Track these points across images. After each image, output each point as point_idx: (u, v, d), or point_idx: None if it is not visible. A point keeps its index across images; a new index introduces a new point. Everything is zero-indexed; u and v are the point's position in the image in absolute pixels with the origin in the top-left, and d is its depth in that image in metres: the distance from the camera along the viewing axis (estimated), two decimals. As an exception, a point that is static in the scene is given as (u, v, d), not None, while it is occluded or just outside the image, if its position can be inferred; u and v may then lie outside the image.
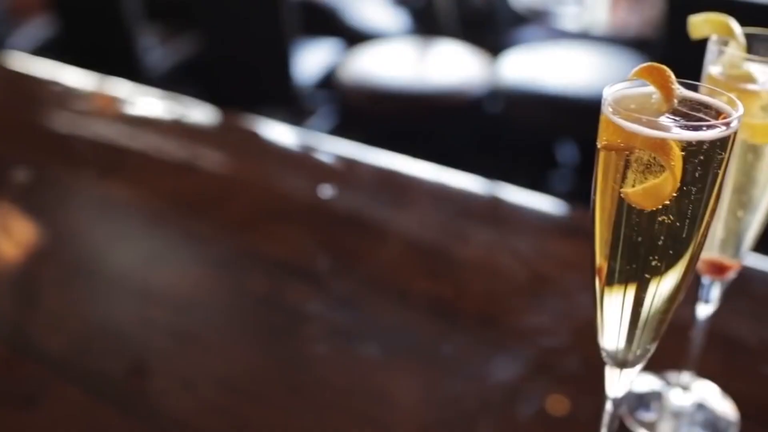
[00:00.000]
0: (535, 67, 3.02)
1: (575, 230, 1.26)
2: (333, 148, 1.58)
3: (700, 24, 0.74)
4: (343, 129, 3.45)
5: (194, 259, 1.22)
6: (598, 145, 0.59)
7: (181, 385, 0.95)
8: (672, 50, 0.74)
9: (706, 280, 0.84)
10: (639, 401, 0.92)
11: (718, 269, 0.82)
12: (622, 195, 0.58)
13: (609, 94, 0.59)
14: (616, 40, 3.29)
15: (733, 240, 0.79)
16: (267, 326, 1.06)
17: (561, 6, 3.43)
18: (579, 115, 2.60)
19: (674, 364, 0.94)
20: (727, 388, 0.94)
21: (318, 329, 1.04)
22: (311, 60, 3.34)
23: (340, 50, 3.50)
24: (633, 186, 0.57)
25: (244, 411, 0.91)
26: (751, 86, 0.71)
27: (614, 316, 0.63)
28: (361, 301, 1.10)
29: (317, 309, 1.08)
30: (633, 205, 0.58)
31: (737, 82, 0.71)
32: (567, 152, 3.31)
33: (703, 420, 0.90)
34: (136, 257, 1.22)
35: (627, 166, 0.57)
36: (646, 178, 0.57)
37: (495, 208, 1.41)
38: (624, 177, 0.58)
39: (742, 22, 0.76)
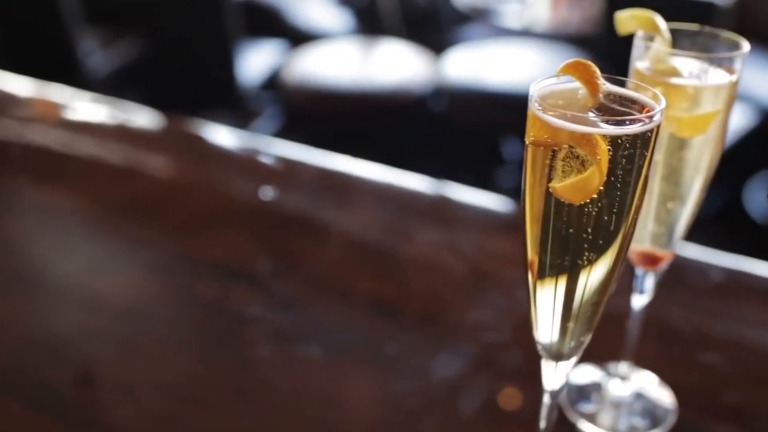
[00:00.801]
0: (479, 65, 3.04)
1: (519, 226, 1.27)
2: (276, 149, 1.58)
3: (626, 20, 0.75)
4: (289, 130, 3.43)
5: (135, 265, 1.20)
6: (526, 141, 0.60)
7: (123, 394, 0.94)
8: (612, 46, 0.76)
9: (639, 271, 0.85)
10: (579, 393, 0.93)
11: (650, 260, 0.83)
12: (550, 190, 0.59)
13: (535, 90, 0.60)
14: (557, 37, 3.33)
15: (665, 231, 0.81)
16: (210, 331, 1.05)
17: (503, 4, 3.46)
18: (523, 111, 2.60)
19: (612, 354, 0.95)
20: (665, 377, 0.96)
21: (261, 332, 1.04)
22: (255, 61, 3.32)
23: (284, 51, 3.48)
24: (561, 181, 0.58)
25: (187, 418, 0.90)
26: (676, 80, 0.73)
27: (547, 310, 0.64)
28: (304, 303, 1.10)
29: (260, 312, 1.07)
30: (561, 200, 0.58)
31: (663, 77, 0.73)
32: (512, 149, 3.34)
33: (641, 409, 0.91)
34: (77, 265, 1.20)
35: (554, 161, 0.58)
36: (573, 173, 0.58)
37: (439, 206, 1.42)
38: (552, 172, 0.58)
39: (669, 18, 0.77)
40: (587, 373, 0.96)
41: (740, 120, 2.97)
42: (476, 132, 3.21)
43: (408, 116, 3.17)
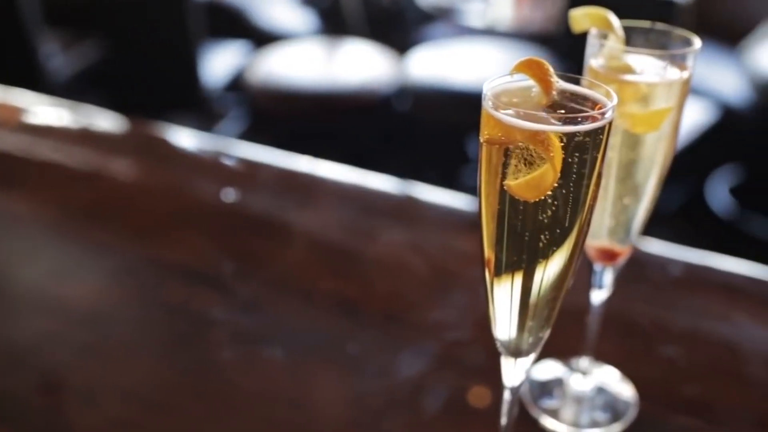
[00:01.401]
0: (442, 64, 3.05)
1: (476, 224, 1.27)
2: (239, 151, 1.57)
3: (580, 18, 0.76)
4: (254, 131, 3.42)
5: (98, 270, 1.19)
6: (481, 140, 0.61)
7: (86, 400, 0.93)
8: (573, 45, 0.77)
9: (598, 266, 0.86)
10: (541, 389, 0.94)
11: (608, 256, 0.84)
12: (505, 188, 0.59)
13: (489, 89, 0.60)
14: (520, 35, 3.35)
15: (622, 227, 0.82)
16: (173, 334, 1.04)
17: (466, 3, 3.47)
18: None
19: (574, 350, 0.96)
20: (626, 371, 0.97)
21: (224, 334, 1.03)
22: (219, 63, 3.31)
23: (247, 52, 3.47)
24: (515, 178, 0.59)
25: (151, 423, 0.89)
26: (630, 77, 0.73)
27: (504, 306, 0.65)
28: (267, 304, 1.09)
29: (222, 314, 1.07)
30: (516, 197, 0.59)
31: (617, 74, 0.74)
32: (476, 147, 3.35)
33: (603, 403, 0.92)
34: (39, 270, 1.18)
35: (509, 159, 0.58)
36: (527, 171, 0.58)
37: (403, 205, 1.42)
38: (506, 170, 0.59)
39: (630, 16, 0.78)
40: (549, 369, 0.97)
41: (701, 116, 3.01)
42: (441, 131, 3.22)
43: (372, 116, 3.17)
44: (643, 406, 0.92)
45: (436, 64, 3.06)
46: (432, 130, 3.22)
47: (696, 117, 2.98)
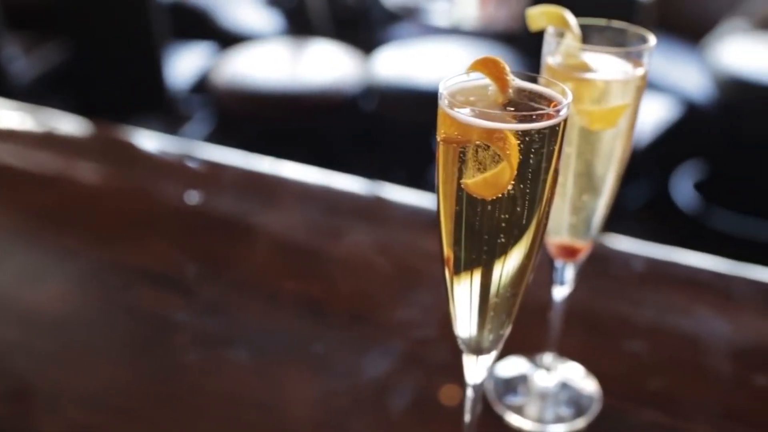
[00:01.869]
0: (408, 63, 3.06)
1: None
2: (204, 153, 1.56)
3: (537, 16, 0.76)
4: (220, 133, 3.40)
5: (61, 275, 1.18)
6: (438, 139, 0.61)
7: (50, 407, 0.92)
8: (538, 43, 0.77)
9: (558, 263, 0.86)
10: (506, 386, 0.94)
11: (569, 252, 0.85)
12: (462, 186, 0.59)
13: (445, 87, 0.60)
14: (485, 34, 3.36)
15: (581, 223, 0.82)
16: (136, 338, 1.03)
17: (432, 3, 3.48)
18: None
19: (538, 346, 0.97)
20: (590, 366, 0.97)
21: (189, 337, 1.03)
22: (184, 64, 3.28)
23: (213, 53, 3.45)
24: (472, 177, 0.59)
25: (115, 428, 0.88)
26: (586, 75, 0.74)
27: (464, 304, 0.65)
28: (231, 306, 1.09)
29: (186, 317, 1.06)
30: (473, 195, 0.59)
31: (573, 72, 0.74)
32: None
33: (567, 398, 0.93)
34: (1, 276, 1.17)
35: (465, 157, 0.59)
36: (484, 169, 0.58)
37: (368, 205, 1.42)
38: (463, 168, 0.59)
39: (593, 15, 0.79)
40: (513, 366, 0.97)
41: (665, 112, 3.04)
42: (407, 130, 3.22)
43: (339, 116, 3.17)
44: (606, 400, 0.93)
45: (402, 63, 3.06)
46: (398, 130, 3.22)
47: (660, 113, 3.01)
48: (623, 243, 1.24)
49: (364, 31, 3.62)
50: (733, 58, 2.93)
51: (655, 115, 2.99)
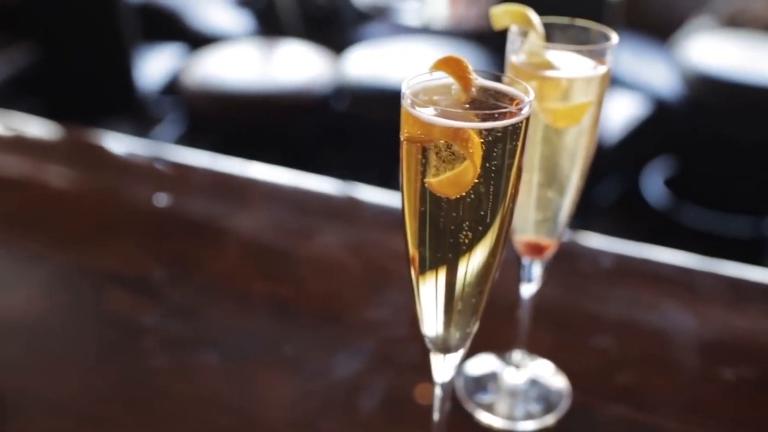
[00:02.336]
0: (379, 63, 3.06)
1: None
2: (174, 155, 1.55)
3: (500, 15, 0.76)
4: (192, 135, 3.38)
5: (27, 280, 1.17)
6: (401, 138, 0.61)
7: (17, 414, 0.91)
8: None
9: (526, 260, 0.87)
10: (476, 384, 0.94)
11: (536, 250, 0.85)
12: (426, 185, 0.59)
13: (408, 87, 0.61)
14: (456, 33, 3.37)
15: (547, 221, 0.83)
16: (104, 343, 1.02)
17: (402, 2, 3.48)
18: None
19: (507, 344, 0.97)
20: (559, 363, 0.98)
21: (156, 341, 1.02)
22: (154, 66, 3.26)
23: (183, 54, 3.43)
24: (436, 176, 0.59)
25: (81, 434, 0.88)
26: (549, 73, 0.74)
27: (430, 303, 0.65)
28: (200, 309, 1.08)
29: (154, 321, 1.05)
30: (437, 194, 0.59)
31: (537, 70, 0.74)
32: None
33: (537, 395, 0.93)
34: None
35: (429, 156, 0.59)
36: (447, 168, 0.58)
37: (339, 205, 1.42)
38: (427, 167, 0.59)
39: (562, 14, 0.79)
40: (483, 364, 0.98)
41: (635, 109, 3.06)
42: (379, 129, 3.22)
43: (310, 116, 3.16)
44: (576, 396, 0.94)
45: (373, 63, 3.06)
46: (370, 129, 3.22)
47: (629, 111, 3.04)
48: (591, 240, 1.25)
49: (334, 30, 3.62)
50: (700, 56, 2.96)
51: (624, 112, 3.01)
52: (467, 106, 0.61)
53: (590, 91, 0.75)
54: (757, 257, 2.84)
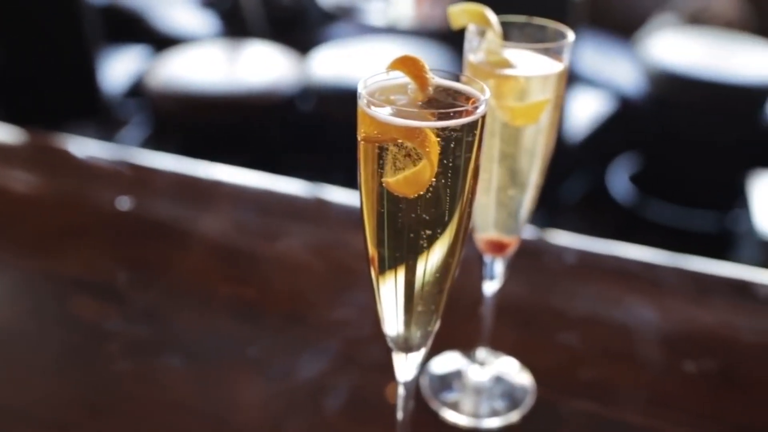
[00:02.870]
0: (345, 63, 3.06)
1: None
2: (138, 158, 1.54)
3: (458, 14, 0.77)
4: (157, 137, 3.36)
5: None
6: (358, 138, 0.61)
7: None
8: None
9: (487, 258, 0.87)
10: (441, 382, 0.95)
11: (497, 247, 0.86)
12: (383, 184, 0.59)
13: (364, 87, 0.61)
14: (421, 33, 3.38)
15: (508, 218, 0.83)
16: (67, 349, 1.01)
17: (367, 2, 3.48)
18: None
19: (472, 342, 0.97)
20: (523, 359, 0.99)
21: (120, 346, 1.01)
22: (118, 68, 3.23)
23: (147, 56, 3.40)
24: (394, 175, 0.59)
25: (45, 441, 0.87)
26: (506, 71, 0.75)
27: (390, 303, 0.65)
28: (164, 312, 1.07)
29: (118, 325, 1.04)
30: (395, 194, 0.59)
31: (494, 69, 0.75)
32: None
33: (501, 392, 0.94)
34: None
35: (386, 156, 0.59)
36: (405, 167, 0.59)
37: (305, 206, 1.41)
38: (384, 167, 0.59)
39: (526, 13, 0.80)
40: (448, 362, 0.98)
41: (599, 106, 3.09)
42: (345, 130, 3.22)
43: (276, 117, 3.15)
44: (540, 392, 0.94)
45: (339, 63, 3.06)
46: (336, 130, 3.22)
47: (594, 108, 3.06)
48: (557, 237, 1.26)
49: (300, 31, 3.61)
50: (663, 53, 2.99)
51: (589, 109, 3.03)
52: (424, 105, 0.61)
53: (547, 89, 0.75)
54: (722, 251, 2.88)
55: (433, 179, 0.59)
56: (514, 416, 0.91)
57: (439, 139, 0.57)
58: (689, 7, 3.39)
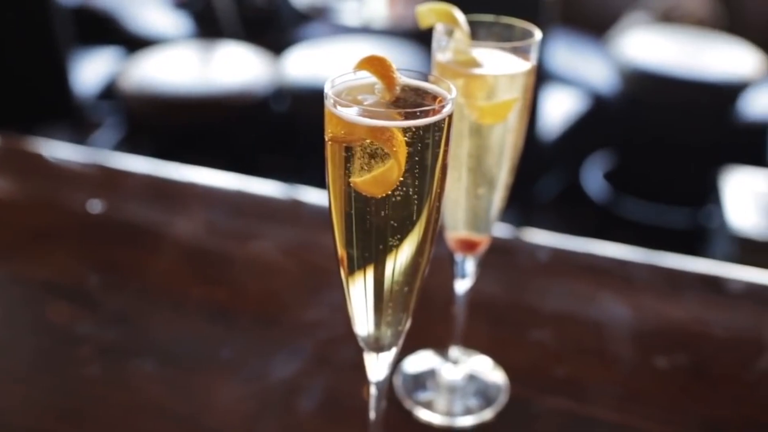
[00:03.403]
0: (319, 63, 3.05)
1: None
2: (110, 161, 1.53)
3: (426, 13, 0.77)
4: (131, 139, 3.34)
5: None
6: (326, 138, 0.61)
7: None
8: None
9: (458, 257, 0.87)
10: (414, 381, 0.95)
11: (468, 246, 0.86)
12: (351, 184, 0.59)
13: (331, 87, 0.61)
14: (395, 32, 3.38)
15: (478, 217, 0.83)
16: (38, 353, 1.00)
17: (341, 2, 3.48)
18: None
19: (445, 340, 0.97)
20: (497, 357, 0.99)
21: (91, 350, 1.00)
22: (91, 70, 3.21)
23: (120, 58, 3.38)
24: (361, 175, 0.59)
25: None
26: (474, 71, 0.75)
27: (360, 302, 0.65)
28: (136, 316, 1.07)
29: (89, 329, 1.03)
30: (363, 193, 0.59)
31: (462, 68, 0.75)
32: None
33: (475, 390, 0.94)
34: None
35: (353, 156, 0.59)
36: (372, 167, 0.59)
37: (277, 207, 1.41)
38: (352, 167, 0.59)
39: (498, 12, 0.80)
40: (421, 361, 0.98)
41: (573, 105, 3.10)
42: (319, 130, 3.21)
43: (250, 118, 3.14)
44: (514, 389, 0.95)
45: (312, 63, 3.06)
46: (310, 130, 3.21)
47: (568, 106, 3.08)
48: (530, 235, 1.26)
49: (273, 31, 3.60)
50: (635, 51, 3.01)
51: (563, 108, 3.05)
52: (391, 105, 0.61)
53: (515, 88, 0.76)
54: (695, 247, 2.90)
55: (401, 179, 0.59)
56: (487, 414, 0.91)
57: (406, 138, 0.58)
58: (660, 5, 3.41)
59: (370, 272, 0.63)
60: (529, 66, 0.76)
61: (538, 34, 0.77)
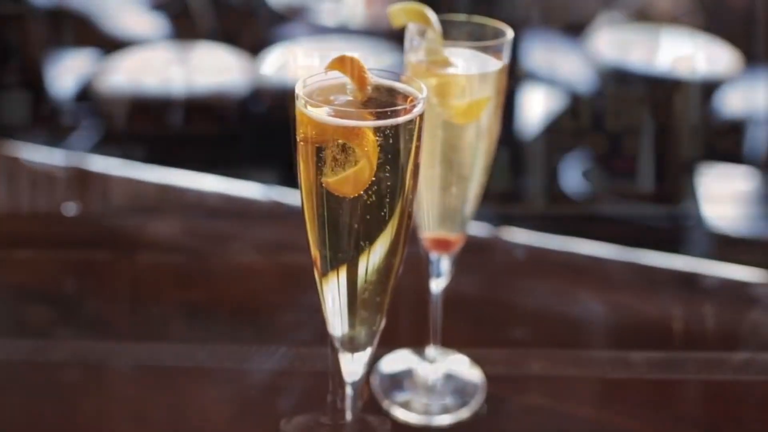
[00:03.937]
0: (297, 63, 3.04)
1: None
2: (86, 164, 1.52)
3: (397, 13, 0.77)
4: (108, 142, 3.31)
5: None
6: (297, 139, 0.61)
7: None
8: None
9: (434, 256, 0.87)
10: (391, 381, 0.95)
11: (442, 245, 0.86)
12: (323, 184, 0.59)
13: (302, 87, 0.60)
14: (373, 32, 3.37)
15: (452, 216, 0.83)
16: (10, 359, 0.99)
17: (318, 2, 3.47)
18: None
19: (422, 340, 0.97)
20: (473, 356, 0.99)
21: (66, 356, 0.99)
22: (66, 72, 3.18)
23: (96, 59, 3.35)
24: (333, 175, 0.59)
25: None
26: (447, 70, 0.75)
27: (334, 303, 0.65)
28: (112, 320, 1.06)
29: (64, 334, 1.03)
30: (335, 193, 0.59)
31: (435, 68, 0.75)
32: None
33: (452, 389, 0.94)
34: None
35: (325, 156, 0.59)
36: (344, 167, 0.58)
37: (255, 209, 1.40)
38: (324, 167, 0.59)
39: (477, 13, 0.80)
40: (398, 361, 0.98)
41: (551, 103, 3.12)
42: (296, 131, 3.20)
43: (228, 119, 3.13)
44: (491, 388, 0.94)
45: (291, 64, 3.05)
46: (289, 131, 3.21)
47: (546, 105, 3.09)
48: (508, 233, 1.27)
49: (250, 32, 3.59)
50: (610, 49, 3.02)
51: (540, 106, 3.06)
52: (363, 105, 0.61)
53: (487, 87, 0.76)
54: (671, 244, 2.92)
55: (373, 178, 0.59)
56: (464, 413, 0.91)
57: (377, 138, 0.58)
58: (636, 3, 3.43)
59: (343, 272, 0.63)
60: (501, 65, 0.76)
61: (509, 33, 0.77)
